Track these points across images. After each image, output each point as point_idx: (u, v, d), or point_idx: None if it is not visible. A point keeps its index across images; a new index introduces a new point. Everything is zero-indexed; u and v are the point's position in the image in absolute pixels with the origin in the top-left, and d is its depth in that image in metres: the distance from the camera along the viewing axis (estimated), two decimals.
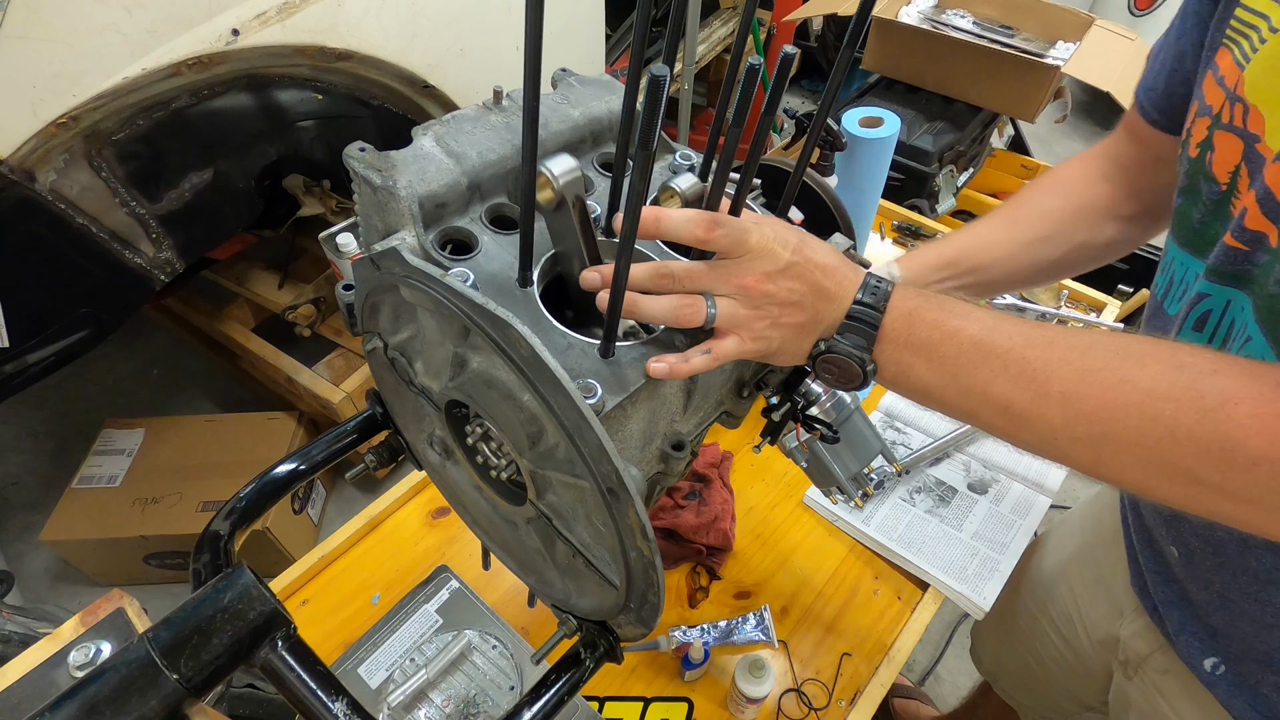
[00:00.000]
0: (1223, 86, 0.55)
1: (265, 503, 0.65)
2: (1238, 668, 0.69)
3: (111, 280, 1.44)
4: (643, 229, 0.48)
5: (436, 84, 1.71)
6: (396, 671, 0.95)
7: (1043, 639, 1.03)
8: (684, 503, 1.11)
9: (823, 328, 0.53)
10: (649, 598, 0.49)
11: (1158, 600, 0.77)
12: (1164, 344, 0.47)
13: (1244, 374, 0.43)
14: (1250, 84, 0.52)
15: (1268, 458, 0.41)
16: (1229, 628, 0.67)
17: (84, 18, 1.22)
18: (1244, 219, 0.52)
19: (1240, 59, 0.54)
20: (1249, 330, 0.53)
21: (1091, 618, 0.94)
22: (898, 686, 1.74)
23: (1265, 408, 0.41)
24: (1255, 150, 0.52)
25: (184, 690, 0.43)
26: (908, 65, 2.17)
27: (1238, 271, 0.54)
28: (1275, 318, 0.50)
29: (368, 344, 0.59)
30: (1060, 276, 0.83)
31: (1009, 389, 0.48)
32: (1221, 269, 0.55)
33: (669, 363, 0.49)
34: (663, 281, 0.50)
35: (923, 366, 0.51)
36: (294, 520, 1.96)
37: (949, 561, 1.06)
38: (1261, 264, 0.51)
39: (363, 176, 0.49)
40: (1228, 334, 0.56)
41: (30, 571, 2.00)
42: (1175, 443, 0.43)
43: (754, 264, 0.50)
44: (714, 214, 0.49)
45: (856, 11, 0.46)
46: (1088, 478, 0.51)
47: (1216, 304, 0.57)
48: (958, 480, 1.17)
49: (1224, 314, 0.56)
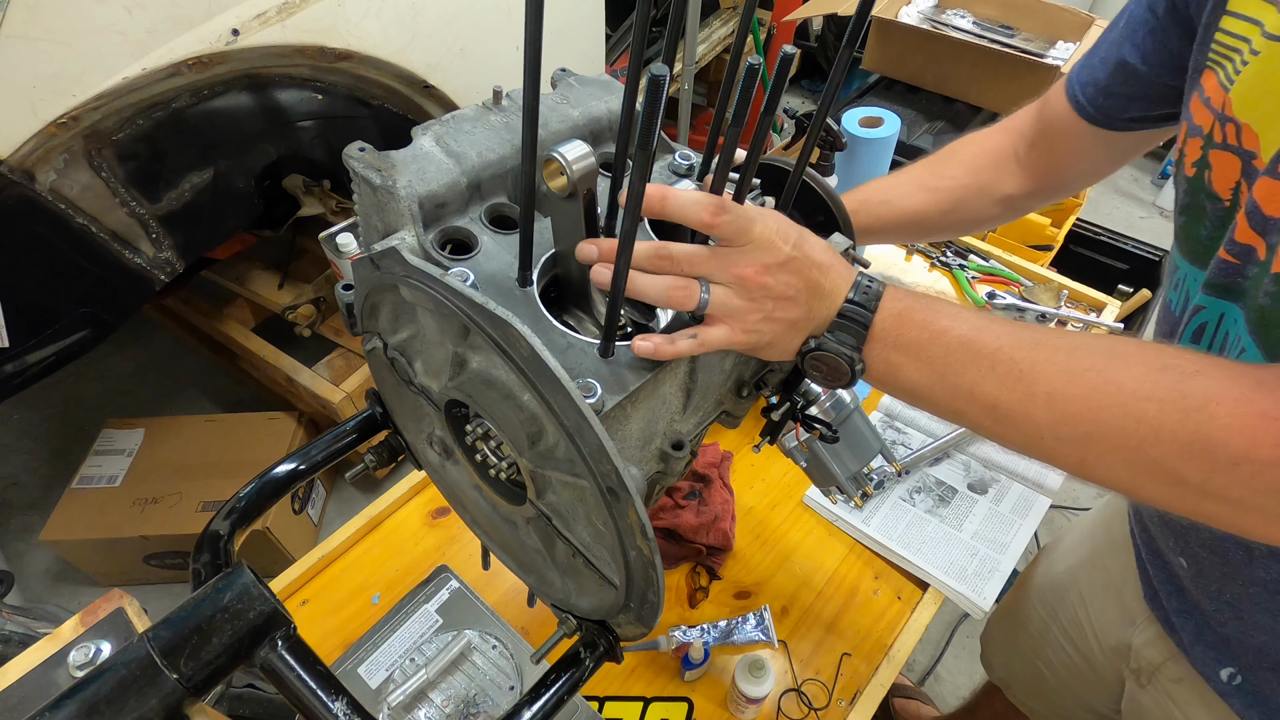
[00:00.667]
0: (1210, 108, 0.56)
1: (265, 503, 0.65)
2: (1253, 678, 0.68)
3: (111, 280, 1.44)
4: (648, 205, 0.48)
5: (436, 84, 1.71)
6: (396, 671, 0.95)
7: (1054, 646, 1.03)
8: (684, 503, 1.11)
9: (814, 325, 0.53)
10: (649, 597, 0.49)
11: (1170, 610, 0.77)
12: (1150, 345, 0.48)
13: (1225, 375, 0.43)
14: (1239, 104, 0.53)
15: (1248, 457, 0.41)
16: (1242, 638, 0.67)
17: (84, 18, 1.22)
18: (1234, 233, 0.53)
19: (1225, 81, 0.55)
20: (1243, 342, 0.54)
21: (1102, 625, 0.94)
22: (898, 686, 1.74)
23: (1245, 407, 0.42)
24: (1252, 166, 0.52)
25: (184, 690, 0.43)
26: (908, 65, 2.17)
27: (1230, 284, 0.54)
28: (1266, 328, 0.51)
29: (367, 344, 0.59)
30: (938, 238, 0.88)
31: (996, 389, 0.49)
32: (1215, 282, 0.56)
33: (654, 343, 0.49)
34: (661, 263, 0.50)
35: (911, 366, 0.52)
36: (294, 520, 1.96)
37: (949, 561, 1.06)
38: (1251, 276, 0.52)
39: (362, 176, 0.49)
40: (1223, 346, 0.57)
41: (30, 571, 2.00)
42: (1159, 443, 0.44)
43: (754, 255, 0.50)
44: (721, 199, 0.49)
45: (856, 11, 0.46)
46: (1076, 479, 0.51)
47: (1211, 316, 0.57)
48: (958, 480, 1.17)
49: (1219, 326, 0.57)
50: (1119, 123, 0.73)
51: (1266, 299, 0.50)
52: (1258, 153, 0.51)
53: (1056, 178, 0.82)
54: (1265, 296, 0.50)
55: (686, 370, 0.55)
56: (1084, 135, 0.76)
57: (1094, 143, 0.76)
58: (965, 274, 1.48)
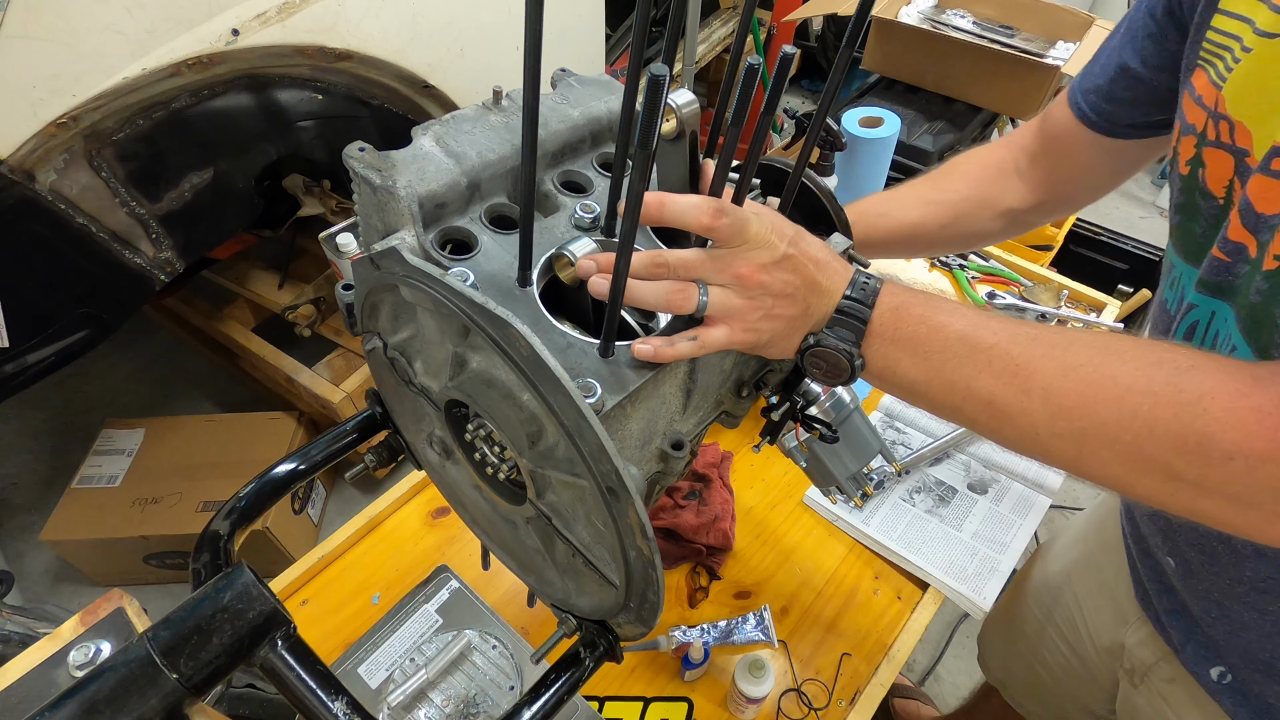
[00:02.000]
0: (1202, 105, 0.56)
1: (265, 502, 0.65)
2: (1242, 676, 0.69)
3: (111, 280, 1.44)
4: (646, 213, 0.48)
5: (436, 84, 1.71)
6: (396, 671, 0.95)
7: (1049, 646, 1.03)
8: (684, 502, 1.11)
9: (813, 322, 0.53)
10: (649, 597, 0.49)
11: (1160, 610, 0.77)
12: (1145, 341, 0.48)
13: (1220, 370, 0.43)
14: (1231, 101, 0.53)
15: (1242, 452, 0.41)
16: (1230, 637, 0.67)
17: (84, 18, 1.22)
18: (1227, 230, 0.53)
19: (1216, 79, 0.55)
20: (1234, 340, 0.54)
21: (1096, 625, 0.94)
22: (898, 686, 1.74)
23: (1240, 402, 0.41)
24: (1245, 164, 0.52)
25: (184, 690, 0.43)
26: (908, 65, 2.17)
27: (1221, 283, 0.55)
28: (1257, 326, 0.51)
29: (367, 344, 0.59)
30: (938, 252, 0.88)
31: (993, 384, 0.49)
32: (1208, 280, 0.56)
33: (654, 345, 0.49)
34: (657, 270, 0.50)
35: (909, 361, 0.52)
36: (294, 520, 1.96)
37: (949, 561, 1.06)
38: (1243, 274, 0.52)
39: (362, 176, 0.49)
40: (1214, 344, 0.57)
41: (30, 571, 2.00)
42: (1153, 438, 0.44)
43: (751, 254, 0.50)
44: (720, 201, 0.49)
45: (856, 11, 0.46)
46: (1072, 476, 0.52)
47: (1203, 315, 0.58)
48: (958, 480, 1.17)
49: (1210, 325, 0.57)
50: (1121, 129, 0.73)
51: (1257, 296, 0.50)
52: (1250, 150, 0.51)
53: (1059, 190, 0.81)
54: (1256, 294, 0.50)
55: (686, 370, 0.55)
56: (1087, 145, 0.76)
57: (1097, 152, 0.76)
58: (965, 274, 1.48)
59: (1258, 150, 0.51)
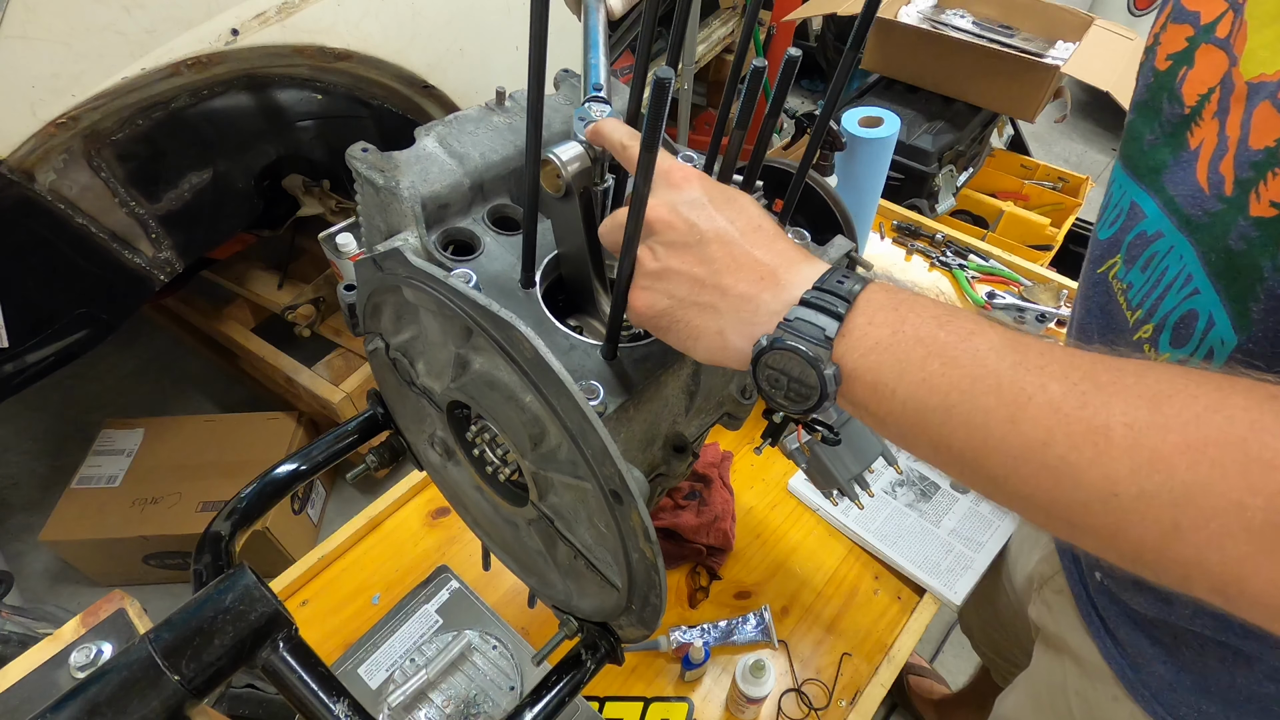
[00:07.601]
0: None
1: (266, 503, 0.65)
2: (1113, 584, 0.68)
3: (111, 280, 1.44)
4: None
5: (436, 84, 1.71)
6: (396, 672, 0.95)
7: (1000, 591, 1.06)
8: (684, 503, 1.11)
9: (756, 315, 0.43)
10: (651, 599, 0.49)
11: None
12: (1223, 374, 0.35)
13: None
14: None
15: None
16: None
17: (83, 18, 1.21)
18: (1213, 159, 0.45)
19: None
20: (1196, 283, 0.47)
21: (1023, 554, 0.96)
22: (911, 665, 1.77)
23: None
24: (1230, 76, 0.45)
25: (185, 692, 0.43)
26: (907, 65, 2.17)
27: (1190, 217, 0.48)
28: (1235, 274, 0.44)
29: (369, 345, 0.59)
30: None
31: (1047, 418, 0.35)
32: (1176, 209, 0.49)
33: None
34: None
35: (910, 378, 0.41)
36: (294, 520, 1.96)
37: (923, 556, 1.07)
38: (1215, 212, 0.45)
39: (366, 177, 0.49)
40: (1164, 276, 0.51)
41: (30, 571, 2.00)
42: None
43: (665, 194, 0.44)
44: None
45: (861, 13, 0.46)
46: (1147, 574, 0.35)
47: (1161, 247, 0.51)
48: (942, 476, 1.18)
49: (1167, 255, 0.51)
50: None
51: (1241, 243, 0.43)
52: (1239, 58, 0.45)
53: None
54: (1239, 239, 0.43)
55: (690, 373, 0.55)
56: None
57: None
58: (965, 274, 1.48)
59: (1245, 61, 0.43)
